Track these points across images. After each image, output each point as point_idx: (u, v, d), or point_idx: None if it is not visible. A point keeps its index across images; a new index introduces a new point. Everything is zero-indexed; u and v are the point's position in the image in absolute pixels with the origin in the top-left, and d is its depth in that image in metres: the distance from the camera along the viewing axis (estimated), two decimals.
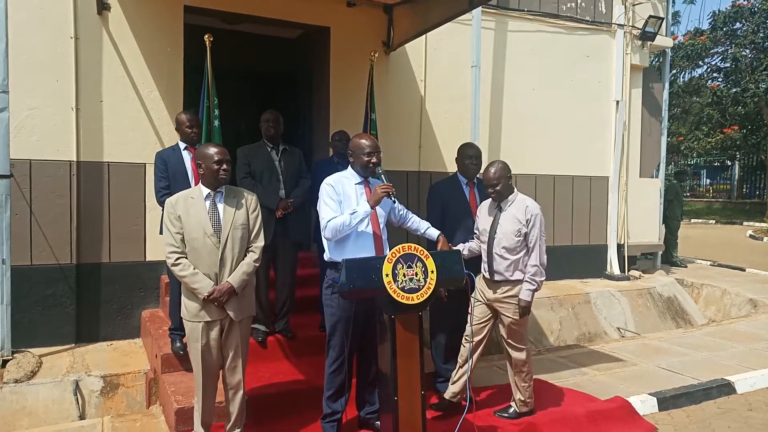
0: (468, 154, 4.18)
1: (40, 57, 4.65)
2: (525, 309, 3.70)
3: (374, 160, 3.41)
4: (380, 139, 5.35)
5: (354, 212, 3.28)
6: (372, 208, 3.32)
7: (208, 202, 3.16)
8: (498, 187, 3.69)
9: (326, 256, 3.44)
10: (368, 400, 3.63)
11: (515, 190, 3.81)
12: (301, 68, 6.80)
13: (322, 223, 3.34)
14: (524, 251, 3.70)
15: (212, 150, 3.16)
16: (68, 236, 4.77)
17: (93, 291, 4.87)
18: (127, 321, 4.98)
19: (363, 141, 3.46)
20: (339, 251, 3.34)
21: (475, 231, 3.95)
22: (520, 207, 3.73)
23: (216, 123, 4.52)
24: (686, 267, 9.66)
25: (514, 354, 3.86)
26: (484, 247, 3.79)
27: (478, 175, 4.18)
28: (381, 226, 3.43)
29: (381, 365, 3.05)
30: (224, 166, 3.13)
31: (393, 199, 3.37)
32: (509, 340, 3.83)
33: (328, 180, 3.44)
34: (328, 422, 3.47)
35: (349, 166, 3.52)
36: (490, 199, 3.84)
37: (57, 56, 4.70)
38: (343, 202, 3.36)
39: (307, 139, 6.41)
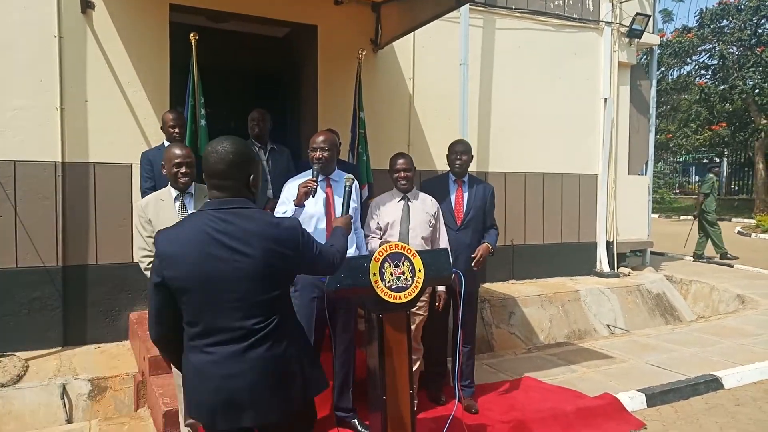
0: (455, 149, 4.14)
1: (23, 56, 4.59)
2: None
3: (317, 155, 3.39)
4: (369, 138, 5.36)
5: (284, 212, 3.32)
6: (297, 206, 3.28)
7: (177, 204, 3.13)
8: (410, 173, 3.77)
9: None
10: (341, 403, 3.63)
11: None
12: (289, 67, 6.77)
13: None
14: (432, 242, 3.82)
15: (174, 152, 3.13)
16: (54, 238, 4.71)
17: (80, 293, 4.81)
18: (115, 323, 4.94)
19: (316, 137, 3.48)
20: None
21: (375, 228, 3.80)
22: (425, 199, 3.86)
23: (203, 122, 4.49)
24: (707, 263, 9.75)
25: (417, 356, 3.70)
26: (395, 240, 3.69)
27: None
28: None
29: (369, 364, 3.04)
30: (183, 170, 3.08)
31: (312, 194, 3.28)
32: (413, 342, 3.57)
33: (289, 183, 3.47)
34: None
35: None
36: (385, 195, 3.88)
37: (41, 55, 4.64)
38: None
39: (296, 138, 6.38)
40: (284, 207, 3.40)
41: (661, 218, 20.75)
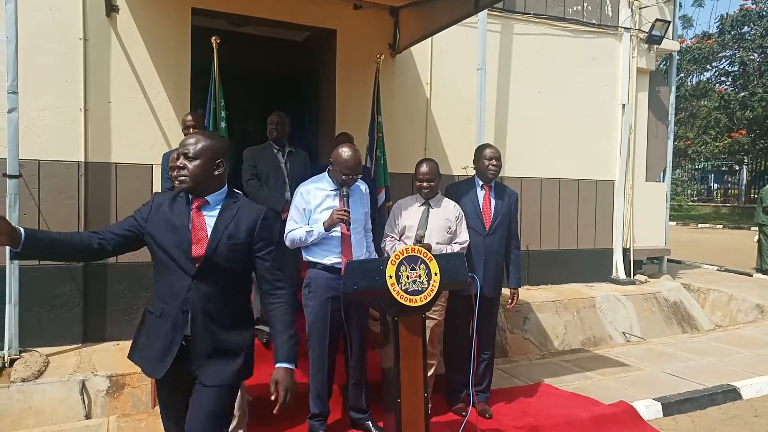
0: (487, 155, 4.02)
1: (49, 58, 4.70)
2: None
3: (346, 178, 3.40)
4: (386, 142, 5.38)
5: (310, 231, 3.38)
6: (326, 230, 3.35)
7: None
8: (433, 183, 3.79)
9: (304, 257, 3.53)
10: (355, 404, 3.66)
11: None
12: (308, 70, 6.83)
13: (285, 232, 3.47)
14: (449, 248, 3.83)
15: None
16: None
17: (100, 291, 4.90)
18: (134, 321, 4.98)
19: (346, 158, 3.37)
20: (310, 252, 3.47)
21: (394, 231, 3.86)
22: (448, 206, 3.88)
23: (223, 124, 4.55)
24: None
25: (432, 360, 3.73)
26: (411, 242, 3.71)
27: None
28: (352, 228, 3.43)
29: (384, 366, 3.06)
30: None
31: (347, 225, 3.34)
32: (428, 347, 3.61)
33: (301, 187, 3.51)
34: (317, 421, 3.53)
35: (326, 172, 3.53)
36: (409, 198, 3.93)
37: (66, 58, 4.75)
38: (313, 212, 3.43)
39: (313, 141, 6.43)
40: (293, 224, 3.45)
41: (678, 225, 20.52)
